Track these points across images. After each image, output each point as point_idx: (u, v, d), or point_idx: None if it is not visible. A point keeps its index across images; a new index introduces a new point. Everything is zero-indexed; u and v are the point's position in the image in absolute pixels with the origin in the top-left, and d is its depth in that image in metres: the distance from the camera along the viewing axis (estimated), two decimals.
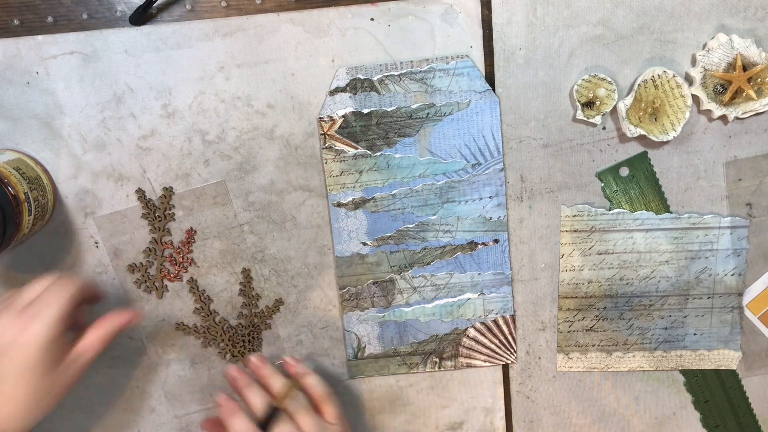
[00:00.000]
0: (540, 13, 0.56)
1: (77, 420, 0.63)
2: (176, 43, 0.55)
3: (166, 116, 0.57)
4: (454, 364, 0.64)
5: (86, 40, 0.55)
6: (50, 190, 0.56)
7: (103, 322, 0.51)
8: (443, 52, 0.57)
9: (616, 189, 0.60)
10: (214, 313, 0.61)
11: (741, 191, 0.60)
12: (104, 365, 0.62)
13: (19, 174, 0.52)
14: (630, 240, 0.61)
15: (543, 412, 0.66)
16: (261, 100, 0.57)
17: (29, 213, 0.52)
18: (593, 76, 0.56)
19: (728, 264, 0.61)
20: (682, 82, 0.56)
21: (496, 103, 0.58)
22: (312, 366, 0.57)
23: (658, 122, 0.57)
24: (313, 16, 0.56)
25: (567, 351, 0.64)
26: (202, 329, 0.61)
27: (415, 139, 0.58)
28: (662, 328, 0.63)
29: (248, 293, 0.61)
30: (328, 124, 0.58)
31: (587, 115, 0.57)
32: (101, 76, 0.56)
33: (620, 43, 0.57)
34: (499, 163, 0.59)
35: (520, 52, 0.57)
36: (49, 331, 0.46)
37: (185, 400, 0.63)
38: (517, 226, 0.61)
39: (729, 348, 0.63)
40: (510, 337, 0.63)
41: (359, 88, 0.57)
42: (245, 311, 0.61)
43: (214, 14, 0.55)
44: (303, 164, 0.59)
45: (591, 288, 0.62)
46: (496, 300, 0.62)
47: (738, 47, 0.56)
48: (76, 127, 0.56)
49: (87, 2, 0.54)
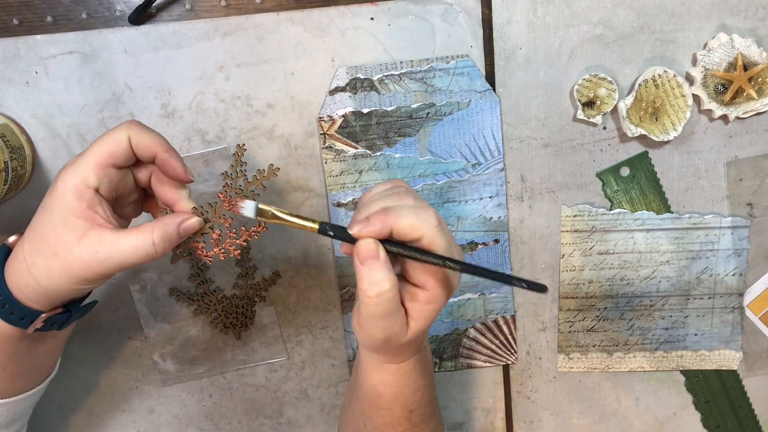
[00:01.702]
0: (540, 13, 0.56)
1: (77, 420, 0.63)
2: (176, 42, 0.55)
3: (165, 116, 0.57)
4: (455, 365, 0.64)
5: (85, 40, 0.55)
6: (30, 161, 0.55)
7: (163, 220, 0.43)
8: (443, 52, 0.57)
9: (616, 189, 0.60)
10: (209, 282, 0.61)
11: (742, 191, 0.60)
12: (103, 365, 0.62)
13: (3, 141, 0.51)
14: (631, 240, 0.61)
15: (543, 412, 0.66)
16: (261, 100, 0.57)
17: (5, 183, 0.50)
18: (594, 76, 0.56)
19: (729, 264, 0.61)
20: (682, 82, 0.56)
21: (496, 102, 0.57)
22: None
23: (659, 122, 0.57)
24: (313, 15, 0.56)
25: (567, 351, 0.64)
26: (196, 297, 0.61)
27: (415, 139, 0.58)
28: (663, 328, 0.63)
29: (245, 263, 0.60)
30: (327, 123, 0.58)
31: (588, 115, 0.57)
32: (100, 76, 0.56)
33: (621, 42, 0.57)
34: (499, 163, 0.59)
35: (521, 51, 0.57)
36: (71, 174, 0.40)
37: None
38: (518, 226, 0.61)
39: (730, 348, 0.63)
40: (510, 337, 0.63)
41: (359, 88, 0.57)
42: (241, 282, 0.61)
43: (214, 14, 0.55)
44: (303, 164, 0.59)
45: (591, 288, 0.62)
46: (496, 300, 0.62)
47: (739, 47, 0.56)
48: (76, 126, 0.56)
49: (86, 2, 0.54)
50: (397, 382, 0.46)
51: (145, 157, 0.43)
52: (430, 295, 0.40)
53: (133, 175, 0.45)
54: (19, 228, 0.44)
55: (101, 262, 0.41)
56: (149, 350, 0.62)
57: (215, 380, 0.63)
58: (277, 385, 0.64)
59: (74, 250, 0.40)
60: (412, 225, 0.38)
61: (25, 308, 0.43)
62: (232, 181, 0.44)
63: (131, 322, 0.61)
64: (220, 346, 0.62)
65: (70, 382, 0.62)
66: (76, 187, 0.41)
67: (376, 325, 0.40)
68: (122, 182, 0.44)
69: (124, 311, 0.61)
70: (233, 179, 0.44)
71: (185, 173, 0.43)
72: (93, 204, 0.41)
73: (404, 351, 0.44)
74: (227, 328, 0.61)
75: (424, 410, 0.49)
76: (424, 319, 0.41)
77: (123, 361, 0.62)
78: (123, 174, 0.44)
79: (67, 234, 0.41)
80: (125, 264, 0.41)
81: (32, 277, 0.41)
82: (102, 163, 0.41)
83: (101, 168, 0.41)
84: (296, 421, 0.65)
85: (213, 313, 0.61)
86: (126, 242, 0.41)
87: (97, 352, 0.61)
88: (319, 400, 0.65)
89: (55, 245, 0.41)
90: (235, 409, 0.64)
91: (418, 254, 0.39)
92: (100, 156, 0.41)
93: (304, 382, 0.64)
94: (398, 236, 0.39)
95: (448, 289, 0.41)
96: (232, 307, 0.61)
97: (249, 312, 0.61)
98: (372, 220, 0.39)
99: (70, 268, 0.41)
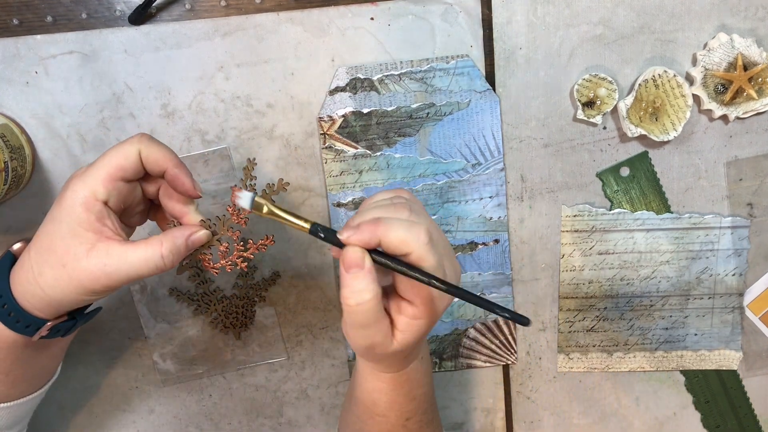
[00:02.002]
0: (540, 13, 0.56)
1: (77, 420, 0.63)
2: (176, 42, 0.55)
3: (165, 116, 0.57)
4: (455, 365, 0.64)
5: (85, 40, 0.55)
6: (30, 161, 0.55)
7: (173, 232, 0.43)
8: (443, 52, 0.57)
9: (616, 189, 0.60)
10: (209, 282, 0.61)
11: (742, 191, 0.60)
12: (103, 365, 0.62)
13: (3, 142, 0.51)
14: (631, 240, 0.61)
15: (543, 412, 0.66)
16: (261, 100, 0.57)
17: (5, 183, 0.50)
18: (594, 76, 0.56)
19: (729, 264, 0.61)
20: (682, 82, 0.56)
21: (496, 102, 0.57)
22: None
23: (659, 122, 0.57)
24: (313, 15, 0.55)
25: (567, 351, 0.64)
26: (196, 297, 0.61)
27: (415, 139, 0.58)
28: (663, 328, 0.63)
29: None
30: (327, 123, 0.58)
31: (588, 115, 0.57)
32: (100, 76, 0.56)
33: (621, 42, 0.57)
34: (499, 163, 0.59)
35: (521, 51, 0.57)
36: (80, 186, 0.40)
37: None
38: (518, 226, 0.61)
39: (730, 348, 0.63)
40: (510, 337, 0.63)
41: (359, 88, 0.57)
42: (241, 282, 0.61)
43: (214, 14, 0.55)
44: (303, 164, 0.59)
45: (591, 288, 0.62)
46: (496, 300, 0.62)
47: (739, 47, 0.56)
48: (76, 126, 0.56)
49: (86, 2, 0.54)
50: (391, 390, 0.46)
51: (154, 171, 0.43)
52: (417, 311, 0.40)
53: (142, 188, 0.45)
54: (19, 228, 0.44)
55: (110, 274, 0.41)
56: (149, 350, 0.62)
57: (215, 380, 0.63)
58: (277, 385, 0.64)
59: (83, 263, 0.40)
60: (402, 239, 0.38)
61: (31, 317, 0.43)
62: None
63: (131, 322, 0.61)
64: (220, 346, 0.62)
65: (70, 382, 0.62)
66: (85, 199, 0.41)
67: (358, 333, 0.40)
68: (131, 195, 0.44)
69: (124, 311, 0.61)
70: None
71: (194, 189, 0.44)
72: (102, 217, 0.41)
73: (395, 361, 0.44)
74: (227, 328, 0.61)
75: (422, 418, 0.49)
76: (410, 333, 0.40)
77: (123, 361, 0.62)
78: (132, 187, 0.44)
79: (75, 246, 0.41)
80: (133, 276, 0.41)
81: (39, 287, 0.41)
82: (111, 176, 0.41)
83: (111, 181, 0.41)
84: (296, 421, 0.65)
85: (213, 313, 0.61)
86: (135, 255, 0.41)
87: (97, 352, 0.61)
88: (319, 400, 0.65)
89: (64, 256, 0.41)
90: (235, 409, 0.64)
91: (405, 269, 0.38)
92: (110, 169, 0.41)
93: (304, 382, 0.64)
94: (387, 249, 0.38)
95: (434, 309, 0.40)
96: (232, 307, 0.61)
97: (249, 312, 0.61)
98: (362, 229, 0.38)
99: (78, 279, 0.41)
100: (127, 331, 0.61)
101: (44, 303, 0.42)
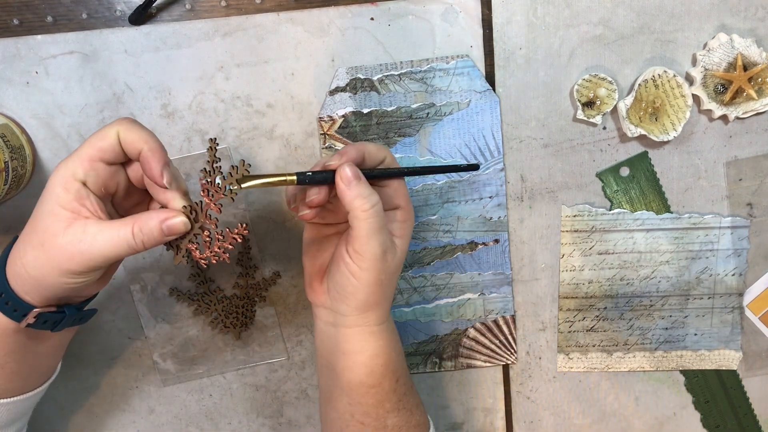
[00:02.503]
0: (540, 13, 0.56)
1: (77, 420, 0.63)
2: (176, 42, 0.55)
3: (165, 116, 0.57)
4: (454, 365, 0.64)
5: (86, 40, 0.55)
6: (30, 161, 0.55)
7: (148, 215, 0.43)
8: (443, 52, 0.57)
9: (616, 189, 0.60)
10: (209, 282, 0.61)
11: (742, 191, 0.60)
12: (103, 365, 0.62)
13: (3, 141, 0.51)
14: (630, 240, 0.61)
15: (543, 412, 0.66)
16: (261, 100, 0.57)
17: (5, 183, 0.50)
18: (594, 76, 0.56)
19: (729, 264, 0.61)
20: (682, 82, 0.56)
21: (496, 102, 0.58)
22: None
23: (659, 122, 0.57)
24: (313, 15, 0.56)
25: (567, 351, 0.64)
26: (196, 297, 0.61)
27: (415, 139, 0.58)
28: (663, 328, 0.63)
29: (245, 263, 0.60)
30: (328, 123, 0.58)
31: (588, 115, 0.57)
32: (101, 76, 0.56)
33: (621, 42, 0.57)
34: (499, 163, 0.59)
35: (521, 51, 0.57)
36: (62, 167, 0.41)
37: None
38: (518, 226, 0.61)
39: (729, 348, 0.63)
40: (510, 337, 0.63)
41: (359, 88, 0.57)
42: (241, 282, 0.61)
43: (214, 14, 0.55)
44: (303, 164, 0.59)
45: (591, 288, 0.62)
46: (496, 300, 0.62)
47: (738, 47, 0.56)
48: (76, 126, 0.56)
49: (86, 2, 0.54)
50: (386, 345, 0.49)
51: (133, 154, 0.43)
52: (405, 213, 0.47)
53: (129, 176, 0.46)
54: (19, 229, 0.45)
55: (83, 252, 0.41)
56: (149, 350, 0.62)
57: (215, 380, 0.63)
58: (277, 385, 0.64)
59: (59, 240, 0.41)
60: (378, 147, 0.47)
61: (19, 300, 0.43)
62: (211, 179, 0.43)
63: (131, 322, 0.61)
64: (220, 346, 0.62)
65: (70, 382, 0.62)
66: (63, 179, 0.41)
67: (376, 241, 0.44)
68: (113, 179, 0.44)
69: (124, 311, 0.61)
70: (212, 176, 0.43)
71: (160, 176, 0.43)
72: (80, 196, 0.42)
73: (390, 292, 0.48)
74: (227, 328, 0.61)
75: (407, 379, 0.51)
76: (405, 236, 0.47)
77: (123, 361, 0.62)
78: (113, 170, 0.44)
79: (53, 224, 0.41)
80: (107, 255, 0.41)
81: (24, 268, 0.42)
82: (90, 157, 0.42)
83: (89, 162, 0.42)
84: (296, 421, 0.65)
85: (213, 313, 0.61)
86: (108, 233, 0.41)
87: (97, 352, 0.61)
88: (318, 400, 0.65)
89: (43, 235, 0.41)
90: (235, 409, 0.64)
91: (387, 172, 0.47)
92: (89, 150, 0.42)
93: (304, 382, 0.64)
94: (369, 159, 0.46)
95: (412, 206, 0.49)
96: (232, 307, 0.61)
97: (249, 312, 0.61)
98: (346, 151, 0.45)
99: (56, 258, 0.41)
100: (127, 331, 0.61)
101: (29, 285, 0.43)
